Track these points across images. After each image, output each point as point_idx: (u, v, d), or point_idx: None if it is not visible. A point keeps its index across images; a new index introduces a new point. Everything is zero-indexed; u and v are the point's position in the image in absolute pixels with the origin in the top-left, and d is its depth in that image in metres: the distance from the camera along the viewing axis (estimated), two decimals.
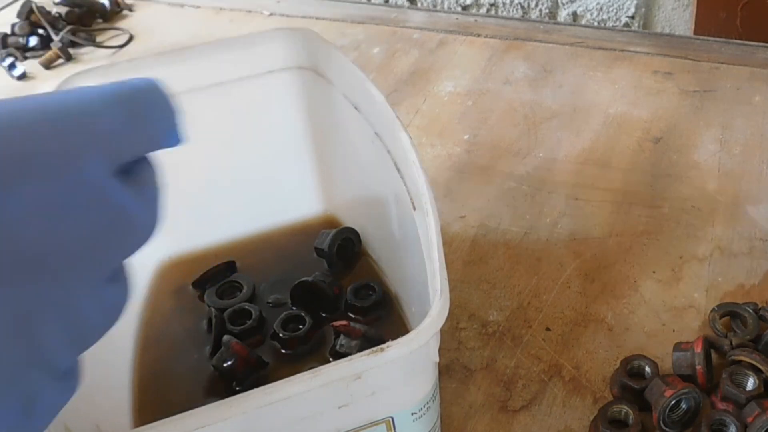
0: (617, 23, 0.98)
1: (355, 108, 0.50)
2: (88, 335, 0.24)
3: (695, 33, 0.89)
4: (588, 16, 0.99)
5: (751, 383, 0.46)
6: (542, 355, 0.51)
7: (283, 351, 0.49)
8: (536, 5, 1.00)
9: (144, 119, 0.25)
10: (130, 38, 0.90)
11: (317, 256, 0.55)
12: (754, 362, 0.46)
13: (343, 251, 0.55)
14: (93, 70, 0.50)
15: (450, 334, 0.52)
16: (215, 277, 0.54)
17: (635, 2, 0.96)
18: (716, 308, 0.51)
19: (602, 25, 0.98)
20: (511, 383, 0.49)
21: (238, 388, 0.47)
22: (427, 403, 0.37)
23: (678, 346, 0.48)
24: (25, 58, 0.87)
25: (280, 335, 0.49)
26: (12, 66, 0.83)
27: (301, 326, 0.49)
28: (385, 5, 0.95)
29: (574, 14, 1.00)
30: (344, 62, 0.49)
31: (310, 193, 0.59)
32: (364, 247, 0.56)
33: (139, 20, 0.94)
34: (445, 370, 0.50)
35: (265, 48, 0.53)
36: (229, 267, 0.55)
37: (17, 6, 0.92)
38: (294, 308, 0.51)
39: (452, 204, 0.62)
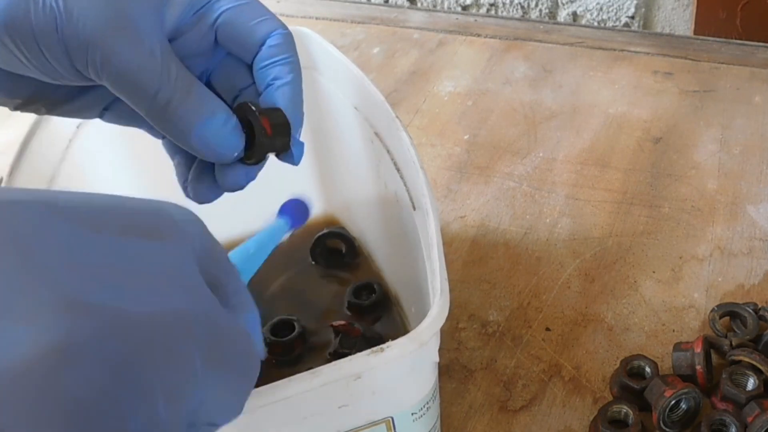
0: (617, 23, 0.98)
1: (355, 108, 0.50)
2: None
3: (695, 33, 0.89)
4: (588, 16, 0.99)
5: (751, 383, 0.46)
6: (542, 355, 0.51)
7: (270, 355, 0.48)
8: (536, 5, 1.00)
9: None
10: None
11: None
12: (754, 362, 0.46)
13: (333, 256, 0.55)
14: None
15: (450, 334, 0.52)
16: None
17: (635, 2, 0.96)
18: (716, 308, 0.51)
19: (602, 25, 0.98)
20: (511, 383, 0.49)
21: None
22: (427, 403, 0.37)
23: (678, 346, 0.48)
24: None
25: (267, 340, 0.48)
26: None
27: (289, 333, 0.49)
28: (385, 5, 0.95)
29: (574, 14, 1.00)
30: (344, 62, 0.49)
31: (310, 193, 0.58)
32: (364, 247, 0.56)
33: None
34: (444, 370, 0.50)
35: None
36: None
37: None
38: (283, 315, 0.51)
39: (452, 204, 0.62)
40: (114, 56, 0.32)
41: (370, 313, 0.51)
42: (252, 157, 0.36)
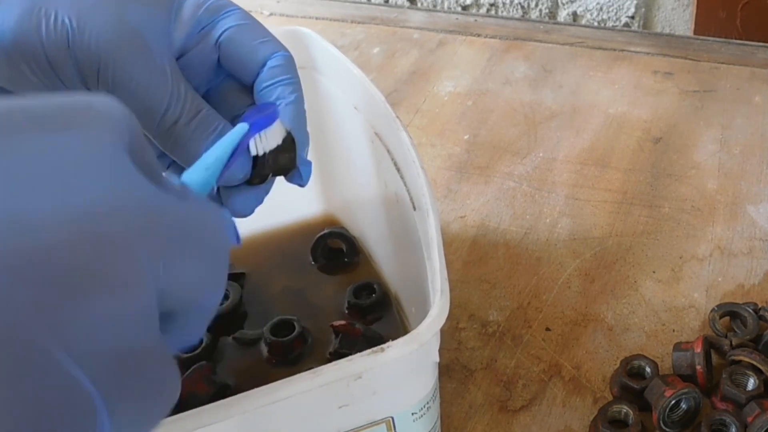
0: (617, 23, 0.98)
1: (355, 108, 0.50)
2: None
3: (695, 33, 0.89)
4: (588, 16, 0.99)
5: (751, 383, 0.46)
6: (542, 355, 0.51)
7: (270, 355, 0.49)
8: (536, 5, 1.00)
9: None
10: None
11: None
12: (754, 362, 0.46)
13: (333, 256, 0.55)
14: None
15: (450, 334, 0.52)
16: None
17: (635, 2, 0.96)
18: (716, 308, 0.51)
19: (602, 25, 0.98)
20: (511, 383, 0.49)
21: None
22: (428, 403, 0.37)
23: (678, 346, 0.48)
24: None
25: (267, 340, 0.49)
26: None
27: (288, 333, 0.49)
28: (385, 5, 0.95)
29: (574, 14, 1.00)
30: (344, 62, 0.49)
31: (310, 193, 0.58)
32: (364, 247, 0.56)
33: None
34: (444, 370, 0.50)
35: None
36: (237, 278, 0.54)
37: None
38: (284, 315, 0.51)
39: (452, 204, 0.62)
40: (126, 74, 0.32)
41: (370, 313, 0.51)
42: (258, 176, 0.35)
